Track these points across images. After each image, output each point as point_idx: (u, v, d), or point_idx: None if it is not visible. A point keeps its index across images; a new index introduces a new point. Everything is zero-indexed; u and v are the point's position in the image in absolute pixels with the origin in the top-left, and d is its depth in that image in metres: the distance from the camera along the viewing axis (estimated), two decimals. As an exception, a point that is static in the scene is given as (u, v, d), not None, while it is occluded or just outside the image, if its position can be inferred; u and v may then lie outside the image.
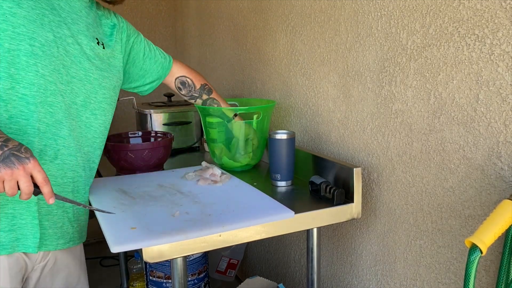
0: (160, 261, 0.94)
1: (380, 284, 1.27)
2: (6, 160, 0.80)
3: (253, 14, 1.80)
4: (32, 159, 0.83)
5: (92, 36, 1.08)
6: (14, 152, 0.82)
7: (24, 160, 0.82)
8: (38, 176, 0.84)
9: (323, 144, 1.44)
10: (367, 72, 1.22)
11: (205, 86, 1.43)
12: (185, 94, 1.42)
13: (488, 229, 0.72)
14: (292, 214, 1.06)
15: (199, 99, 1.42)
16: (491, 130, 0.90)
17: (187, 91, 1.41)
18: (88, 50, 1.06)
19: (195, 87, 1.41)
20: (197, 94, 1.41)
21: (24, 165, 0.82)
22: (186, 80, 1.40)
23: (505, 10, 0.85)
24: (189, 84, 1.40)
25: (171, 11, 2.94)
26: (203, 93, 1.41)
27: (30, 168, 0.83)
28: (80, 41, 1.04)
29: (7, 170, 0.80)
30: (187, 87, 1.40)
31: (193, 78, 1.41)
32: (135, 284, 1.97)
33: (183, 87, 1.40)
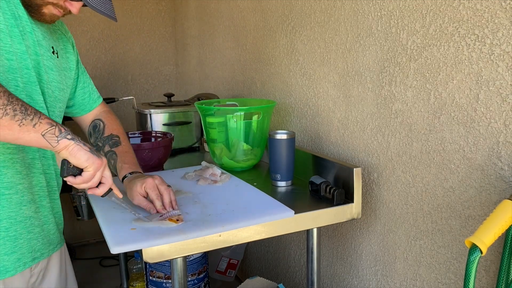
0: (160, 261, 0.94)
1: (380, 284, 1.27)
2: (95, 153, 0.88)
3: (253, 14, 1.80)
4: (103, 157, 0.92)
5: (48, 45, 1.02)
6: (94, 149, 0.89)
7: (100, 156, 0.91)
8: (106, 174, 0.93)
9: (323, 144, 1.44)
10: (367, 72, 1.22)
11: (113, 137, 1.18)
12: (92, 143, 1.20)
13: (488, 229, 0.72)
14: (292, 213, 1.06)
15: (102, 151, 1.17)
16: (491, 130, 0.90)
17: (95, 138, 1.19)
18: (46, 60, 1.01)
19: (102, 134, 1.18)
20: (100, 144, 1.17)
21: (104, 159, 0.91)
22: (99, 123, 1.19)
23: (505, 10, 0.85)
24: (99, 129, 1.19)
25: (171, 11, 2.94)
26: (106, 143, 1.17)
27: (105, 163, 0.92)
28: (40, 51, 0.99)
29: (103, 159, 0.90)
30: (96, 132, 1.19)
31: (106, 124, 1.19)
32: (135, 284, 1.97)
33: (93, 132, 1.20)
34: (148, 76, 2.94)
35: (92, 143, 1.18)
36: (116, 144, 1.16)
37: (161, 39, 2.94)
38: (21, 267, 0.98)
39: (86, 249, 2.63)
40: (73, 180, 0.89)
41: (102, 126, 1.18)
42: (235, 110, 1.44)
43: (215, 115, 1.47)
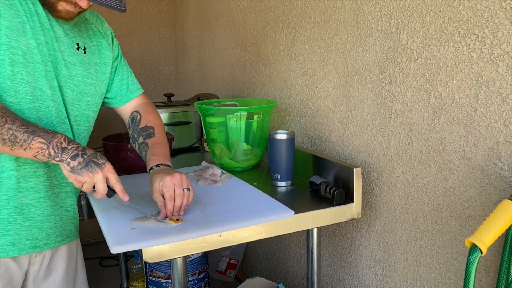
0: (160, 261, 0.94)
1: (380, 284, 1.27)
2: (87, 166, 0.93)
3: (253, 14, 1.80)
4: (107, 164, 0.95)
5: (71, 42, 1.06)
6: (92, 159, 0.94)
7: (101, 165, 0.94)
8: (111, 177, 0.96)
9: (323, 144, 1.44)
10: (367, 72, 1.22)
11: (148, 129, 1.19)
12: (129, 134, 1.23)
13: (488, 229, 0.72)
14: (292, 214, 1.06)
15: (136, 143, 1.19)
16: (491, 130, 0.90)
17: (132, 129, 1.21)
18: (66, 56, 1.05)
19: (138, 126, 1.20)
20: (136, 135, 1.19)
21: (102, 169, 0.94)
22: (136, 115, 1.22)
23: (505, 10, 0.85)
24: (136, 120, 1.21)
25: (171, 11, 2.94)
26: (140, 135, 1.18)
27: (106, 172, 0.95)
28: (59, 47, 1.03)
29: (89, 173, 0.93)
30: (133, 124, 1.22)
31: (143, 116, 1.21)
32: (135, 284, 1.97)
33: (131, 123, 1.22)
34: (148, 76, 2.94)
35: (130, 134, 1.22)
36: (149, 135, 1.17)
37: (161, 39, 2.94)
38: (15, 251, 1.01)
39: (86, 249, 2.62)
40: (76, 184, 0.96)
41: (138, 118, 1.21)
42: (235, 110, 1.44)
43: (215, 115, 1.47)
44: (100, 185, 0.95)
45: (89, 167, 0.93)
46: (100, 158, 0.95)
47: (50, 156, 0.92)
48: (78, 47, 1.08)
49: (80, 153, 0.94)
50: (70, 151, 0.93)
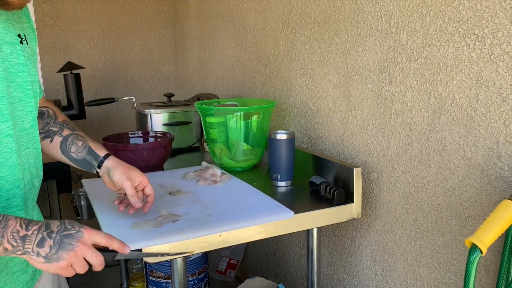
0: (160, 261, 0.94)
1: (380, 284, 1.27)
2: (63, 245, 0.75)
3: (253, 14, 1.80)
4: (83, 229, 0.78)
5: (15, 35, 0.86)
6: (64, 233, 0.76)
7: (77, 235, 0.77)
8: (99, 239, 0.79)
9: (323, 144, 1.44)
10: (367, 72, 1.22)
11: (69, 123, 1.07)
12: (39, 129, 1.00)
13: (488, 229, 0.72)
14: (292, 214, 1.06)
15: (57, 135, 1.03)
16: (491, 130, 0.90)
17: (44, 123, 1.04)
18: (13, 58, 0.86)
19: (56, 119, 1.05)
20: (56, 129, 1.04)
21: (81, 240, 0.77)
22: (47, 110, 1.05)
23: (505, 10, 0.85)
24: (48, 114, 1.05)
25: (171, 11, 2.94)
26: (65, 128, 1.05)
27: (88, 239, 0.78)
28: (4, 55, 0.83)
29: (70, 253, 0.75)
30: (45, 118, 1.05)
31: (56, 111, 1.07)
32: (135, 284, 1.97)
33: (40, 119, 1.02)
34: (148, 76, 2.94)
35: (40, 129, 1.01)
36: (75, 129, 1.07)
37: (161, 39, 2.94)
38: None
39: (86, 249, 2.63)
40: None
41: (52, 113, 1.06)
42: (235, 110, 1.44)
43: (215, 115, 1.47)
44: (92, 258, 0.77)
45: (65, 246, 0.75)
46: (71, 227, 0.77)
47: (8, 251, 0.73)
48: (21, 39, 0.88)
49: (46, 234, 0.75)
50: (32, 237, 0.74)
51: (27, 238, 0.74)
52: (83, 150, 1.03)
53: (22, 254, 0.75)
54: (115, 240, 0.80)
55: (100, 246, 0.80)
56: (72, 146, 1.03)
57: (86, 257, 0.77)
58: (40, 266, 0.75)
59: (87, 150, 1.03)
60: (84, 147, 1.03)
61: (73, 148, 1.03)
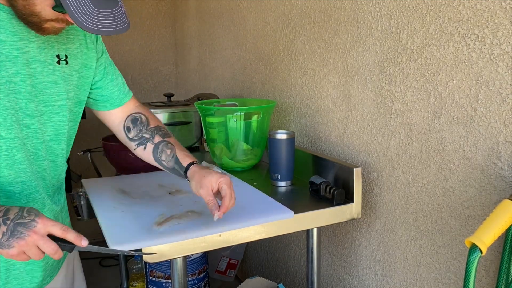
0: (160, 261, 0.94)
1: (380, 284, 1.27)
2: (14, 233, 0.76)
3: (253, 14, 1.80)
4: (38, 219, 0.78)
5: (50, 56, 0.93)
6: (18, 221, 0.77)
7: (30, 224, 0.77)
8: (54, 230, 0.78)
9: (323, 144, 1.44)
10: (367, 72, 1.22)
11: (161, 129, 1.10)
12: (132, 137, 1.09)
13: (488, 229, 0.72)
14: (292, 214, 1.06)
15: (149, 143, 1.07)
16: (491, 130, 0.90)
17: (137, 130, 1.09)
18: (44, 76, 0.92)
19: (148, 126, 1.09)
20: (148, 135, 1.08)
21: (34, 229, 0.77)
22: (140, 116, 1.10)
23: (505, 10, 0.85)
24: (141, 121, 1.10)
25: (171, 11, 2.94)
26: (156, 134, 1.08)
27: (42, 229, 0.77)
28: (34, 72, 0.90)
29: (20, 241, 0.76)
30: (138, 125, 1.09)
31: (149, 117, 1.12)
32: (135, 284, 1.97)
33: (133, 126, 1.09)
34: (148, 76, 2.94)
35: (133, 137, 1.08)
36: (167, 135, 1.09)
37: (161, 39, 2.94)
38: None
39: (86, 249, 2.63)
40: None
41: (144, 119, 1.10)
42: (235, 110, 1.44)
43: (215, 115, 1.47)
44: (45, 247, 0.77)
45: (16, 234, 0.76)
46: (28, 215, 0.78)
47: None
48: (58, 59, 0.94)
49: (2, 220, 0.76)
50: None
51: None
52: (171, 160, 1.04)
53: None
54: (71, 232, 0.79)
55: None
56: (162, 155, 1.05)
57: (39, 246, 0.77)
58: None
59: (175, 160, 1.04)
60: (172, 156, 1.05)
61: (163, 156, 1.05)
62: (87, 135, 2.70)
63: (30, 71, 0.89)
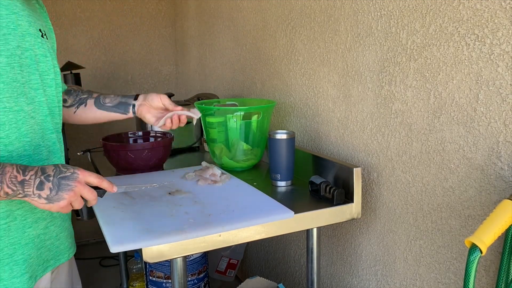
0: (160, 261, 0.94)
1: (380, 284, 1.27)
2: (62, 186, 0.82)
3: (253, 14, 1.80)
4: (78, 170, 0.85)
5: (36, 29, 0.94)
6: (60, 176, 0.83)
7: (73, 176, 0.84)
8: (92, 180, 0.87)
9: (323, 144, 1.44)
10: (367, 72, 1.22)
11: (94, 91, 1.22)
12: (70, 104, 1.16)
13: (488, 229, 0.72)
14: (292, 214, 1.06)
15: (89, 99, 1.17)
16: (491, 130, 0.90)
17: (74, 96, 1.17)
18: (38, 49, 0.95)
19: (82, 91, 1.19)
20: (85, 95, 1.18)
21: (77, 180, 0.84)
22: (71, 88, 1.19)
23: (505, 10, 0.85)
24: (74, 90, 1.18)
25: (171, 11, 2.94)
26: (93, 93, 1.19)
27: (83, 179, 0.85)
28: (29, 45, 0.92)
29: (70, 193, 0.83)
30: (72, 93, 1.18)
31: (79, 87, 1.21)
32: (135, 284, 1.97)
33: (68, 96, 1.17)
34: (148, 76, 2.94)
35: (71, 103, 1.17)
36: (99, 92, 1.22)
37: (161, 39, 2.94)
38: (33, 282, 0.97)
39: (86, 249, 2.63)
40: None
41: (76, 89, 1.20)
42: (235, 110, 1.44)
43: (215, 115, 1.47)
44: (88, 194, 0.86)
45: (63, 187, 0.82)
46: (66, 170, 0.84)
47: (9, 195, 0.80)
48: (41, 33, 0.96)
49: (44, 178, 0.82)
50: (31, 181, 0.81)
51: (25, 182, 0.80)
52: (117, 97, 1.19)
53: (23, 197, 0.81)
54: (105, 180, 0.89)
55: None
56: (105, 99, 1.19)
57: (83, 194, 0.85)
58: (42, 206, 0.82)
59: (120, 96, 1.20)
60: (116, 96, 1.20)
61: (107, 100, 1.19)
62: (87, 135, 2.70)
63: (27, 44, 0.91)
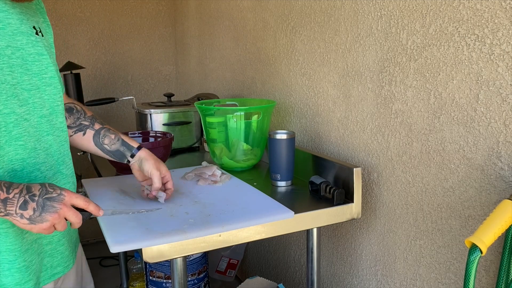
0: (160, 261, 0.94)
1: (380, 284, 1.27)
2: (46, 208, 0.80)
3: (253, 14, 1.80)
4: (64, 192, 0.83)
5: (29, 27, 0.91)
6: (46, 196, 0.81)
7: (59, 197, 0.82)
8: (78, 202, 0.85)
9: (323, 144, 1.44)
10: (367, 72, 1.22)
11: (98, 118, 1.15)
12: (69, 125, 1.10)
13: (488, 229, 0.72)
14: (292, 214, 1.06)
15: (89, 129, 1.11)
16: (491, 130, 0.90)
17: (75, 118, 1.11)
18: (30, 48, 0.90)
19: (85, 114, 1.13)
20: (87, 123, 1.11)
21: (63, 202, 0.82)
22: (75, 106, 1.12)
23: (505, 10, 0.85)
24: (77, 110, 1.12)
25: (171, 11, 2.94)
26: (95, 122, 1.12)
27: (69, 201, 0.83)
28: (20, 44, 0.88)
29: (54, 215, 0.80)
30: (74, 113, 1.11)
31: (83, 107, 1.14)
32: (135, 284, 1.97)
33: (69, 114, 1.11)
34: (148, 76, 2.94)
35: (70, 124, 1.10)
36: (103, 123, 1.15)
37: (161, 39, 2.94)
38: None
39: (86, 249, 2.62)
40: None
41: (80, 108, 1.13)
42: (235, 110, 1.44)
43: (215, 115, 1.48)
44: (72, 217, 0.83)
45: (48, 208, 0.79)
46: (53, 190, 0.82)
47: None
48: (36, 31, 0.93)
49: (29, 197, 0.78)
50: (14, 200, 0.77)
51: (8, 200, 0.77)
52: (117, 142, 1.13)
53: (5, 216, 0.78)
54: (91, 203, 0.87)
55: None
56: (105, 139, 1.12)
57: (67, 217, 0.83)
58: (23, 227, 0.79)
59: (121, 142, 1.13)
60: (117, 140, 1.13)
61: (106, 140, 1.12)
62: (87, 135, 2.70)
63: (18, 44, 0.88)
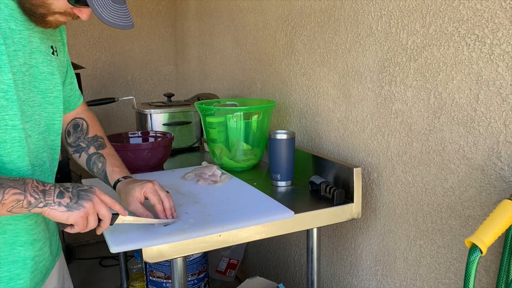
0: (160, 261, 0.94)
1: (380, 284, 1.27)
2: (81, 196, 0.82)
3: (253, 14, 1.80)
4: (95, 188, 0.85)
5: (47, 46, 0.93)
6: (79, 188, 0.83)
7: (91, 190, 0.84)
8: (106, 199, 0.85)
9: (323, 144, 1.44)
10: (367, 72, 1.22)
11: (98, 139, 1.10)
12: (70, 143, 1.09)
13: (488, 229, 0.72)
14: (292, 214, 1.06)
15: (84, 153, 1.08)
16: (491, 130, 0.90)
17: (75, 138, 1.10)
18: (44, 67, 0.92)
19: (87, 135, 1.10)
20: (84, 145, 1.09)
21: (95, 193, 0.83)
22: (82, 123, 1.11)
23: (505, 10, 0.85)
24: (81, 128, 1.10)
25: (171, 11, 2.94)
26: (91, 145, 1.09)
27: (100, 195, 0.84)
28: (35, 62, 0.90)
29: (89, 203, 0.82)
30: (78, 132, 1.10)
31: (90, 124, 1.12)
32: (135, 284, 1.97)
33: (73, 131, 1.10)
34: (148, 76, 2.94)
35: (71, 142, 1.09)
36: (102, 146, 1.10)
37: (161, 39, 2.94)
38: None
39: (86, 249, 2.63)
40: (72, 230, 0.84)
41: (85, 126, 1.10)
42: (235, 110, 1.44)
43: (215, 115, 1.48)
44: (104, 211, 0.84)
45: (83, 196, 0.82)
46: (84, 185, 0.85)
47: (31, 205, 0.78)
48: (53, 50, 0.95)
49: (63, 189, 0.82)
50: (51, 191, 0.81)
51: (46, 192, 0.80)
52: (101, 174, 1.08)
53: (43, 207, 0.79)
54: (117, 203, 0.88)
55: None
56: (94, 167, 1.08)
57: (100, 210, 0.83)
58: (61, 215, 0.80)
59: (104, 175, 1.07)
60: (102, 171, 1.07)
61: (95, 169, 1.08)
62: (87, 135, 2.70)
63: (32, 62, 0.90)
